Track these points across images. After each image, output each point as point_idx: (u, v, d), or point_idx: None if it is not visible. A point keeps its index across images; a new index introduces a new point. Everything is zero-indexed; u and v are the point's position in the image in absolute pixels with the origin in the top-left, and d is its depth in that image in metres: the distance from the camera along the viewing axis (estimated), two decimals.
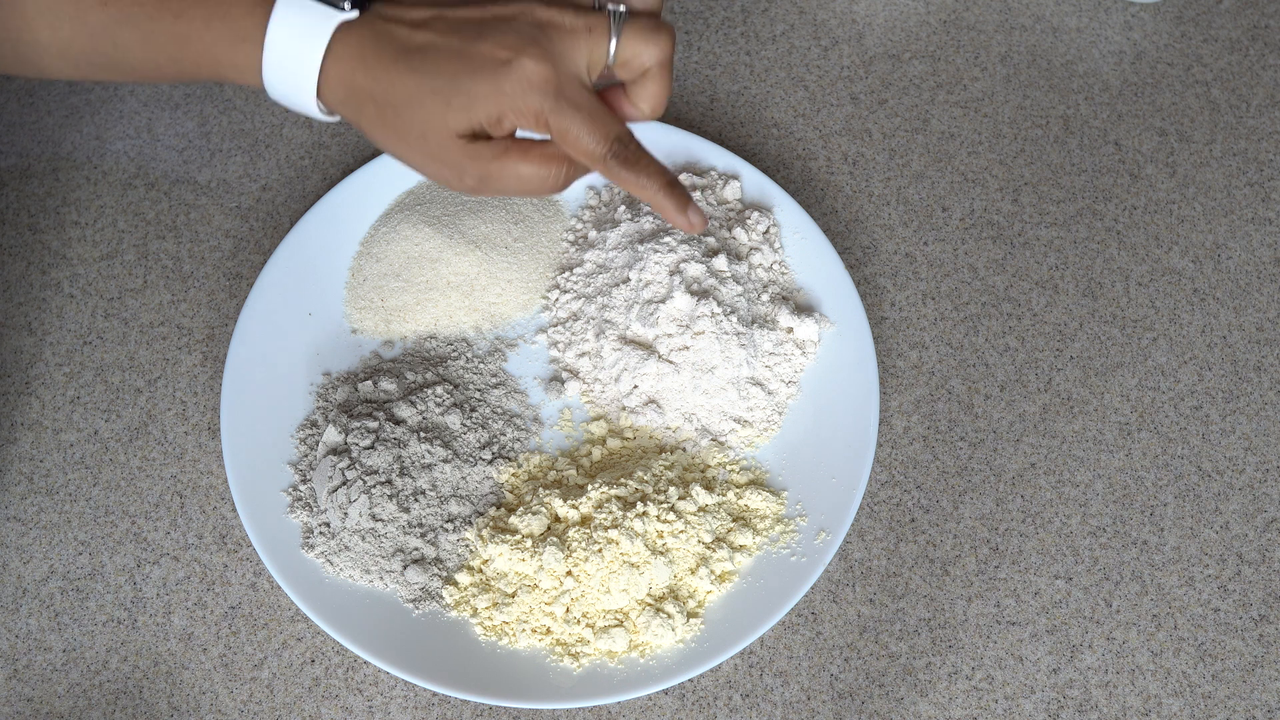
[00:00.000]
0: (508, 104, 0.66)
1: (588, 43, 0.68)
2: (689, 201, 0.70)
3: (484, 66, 0.66)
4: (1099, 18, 1.00)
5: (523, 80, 0.66)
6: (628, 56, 0.69)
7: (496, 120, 0.67)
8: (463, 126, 0.67)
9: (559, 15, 0.69)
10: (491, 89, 0.66)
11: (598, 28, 0.68)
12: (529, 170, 0.69)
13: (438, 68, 0.67)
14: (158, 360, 0.87)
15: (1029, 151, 0.95)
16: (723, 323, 0.83)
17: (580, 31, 0.68)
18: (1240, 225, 0.93)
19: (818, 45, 0.99)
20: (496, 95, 0.66)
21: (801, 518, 0.80)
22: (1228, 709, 0.79)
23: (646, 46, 0.69)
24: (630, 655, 0.76)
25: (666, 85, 0.71)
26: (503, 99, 0.66)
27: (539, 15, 0.68)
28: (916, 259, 0.91)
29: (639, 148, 0.69)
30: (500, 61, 0.66)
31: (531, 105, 0.66)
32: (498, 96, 0.66)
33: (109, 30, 0.72)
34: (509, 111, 0.67)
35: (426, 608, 0.77)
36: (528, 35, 0.67)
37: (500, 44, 0.67)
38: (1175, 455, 0.85)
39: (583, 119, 0.67)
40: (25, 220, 0.92)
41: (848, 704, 0.78)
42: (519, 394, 0.85)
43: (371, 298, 0.87)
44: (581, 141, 0.67)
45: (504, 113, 0.67)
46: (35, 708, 0.78)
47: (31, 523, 0.82)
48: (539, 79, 0.66)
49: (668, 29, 0.70)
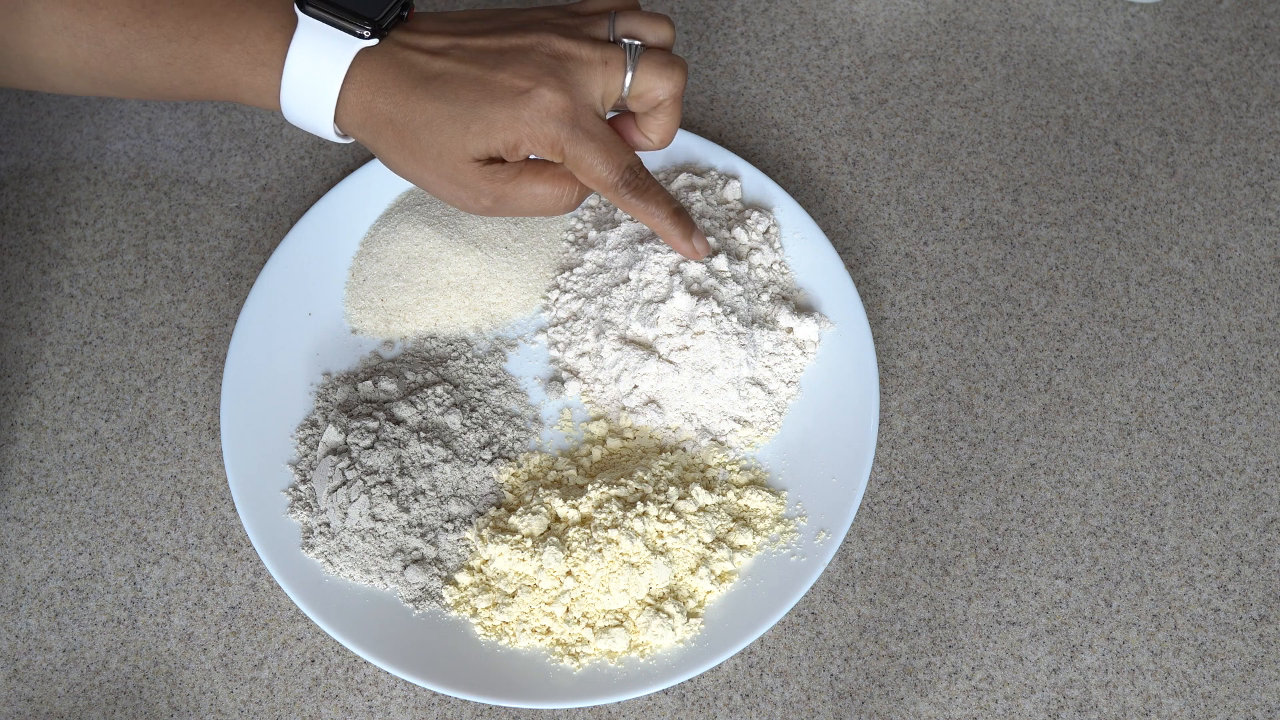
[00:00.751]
0: (525, 131, 0.68)
1: (604, 75, 0.70)
2: (694, 228, 0.74)
3: (503, 95, 0.68)
4: (1099, 18, 1.00)
5: (541, 109, 0.68)
6: (641, 90, 0.71)
7: (513, 146, 0.69)
8: (480, 151, 0.69)
9: (576, 48, 0.70)
10: (510, 116, 0.68)
11: (614, 61, 0.70)
12: (543, 190, 0.71)
13: (457, 94, 0.68)
14: (158, 360, 0.87)
15: (1029, 151, 0.95)
16: (723, 323, 0.83)
17: (597, 64, 0.70)
18: (1240, 225, 0.93)
19: (818, 45, 0.99)
20: (515, 122, 0.68)
21: (801, 518, 0.80)
22: (1228, 709, 0.79)
23: (660, 81, 0.71)
24: (630, 655, 0.76)
25: (676, 118, 0.73)
26: (521, 126, 0.68)
27: (557, 47, 0.70)
28: (916, 259, 0.91)
29: (648, 176, 0.71)
30: (519, 90, 0.68)
31: (548, 133, 0.68)
32: (516, 124, 0.68)
33: (127, 51, 0.72)
34: (526, 139, 0.68)
35: (426, 608, 0.77)
36: (546, 66, 0.69)
37: (519, 74, 0.68)
38: (1175, 455, 0.85)
39: (597, 148, 0.69)
40: (25, 220, 0.92)
41: (848, 704, 0.78)
42: (519, 394, 0.85)
43: (371, 298, 0.87)
44: (595, 170, 0.69)
45: (521, 140, 0.68)
46: (35, 708, 0.78)
47: (31, 523, 0.82)
48: (557, 108, 0.68)
49: (680, 64, 0.71)
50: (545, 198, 0.71)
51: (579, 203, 0.72)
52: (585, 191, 0.72)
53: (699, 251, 0.75)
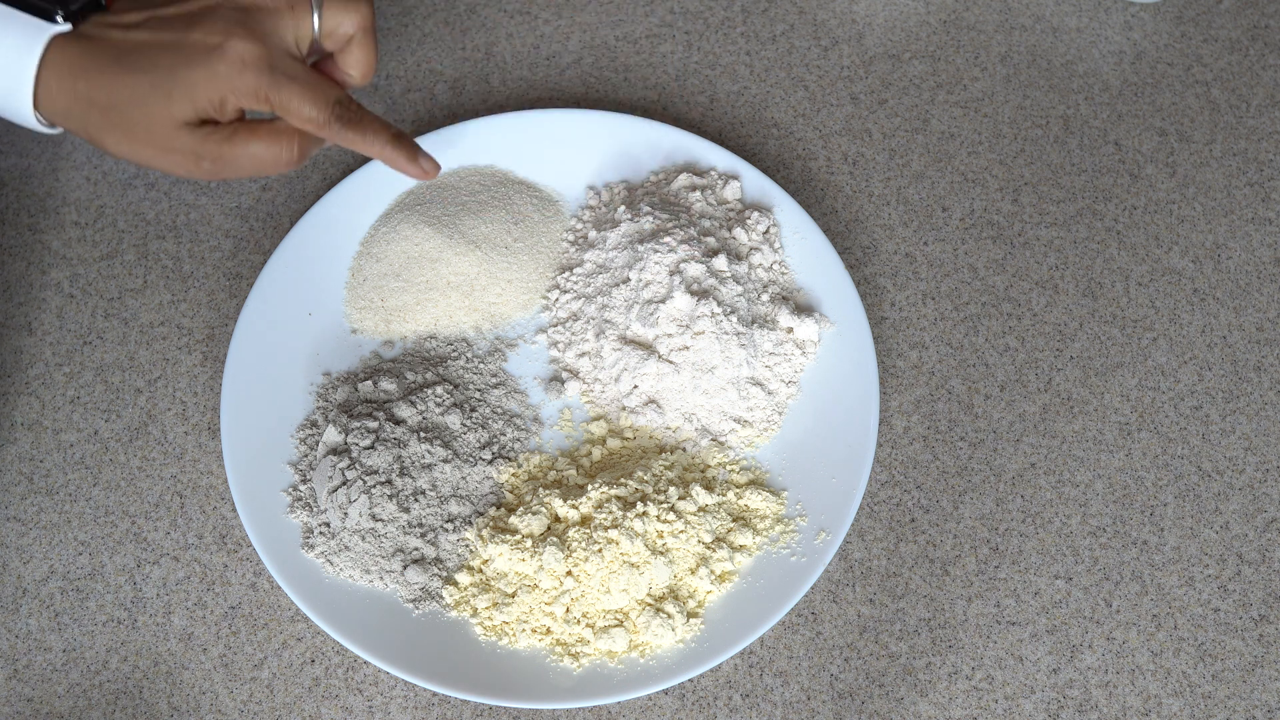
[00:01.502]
0: (225, 86, 0.69)
1: (292, 19, 0.72)
2: (418, 150, 0.74)
3: (196, 54, 0.69)
4: (1099, 18, 1.00)
5: (236, 61, 0.69)
6: (331, 27, 0.72)
7: (219, 103, 0.70)
8: (187, 115, 0.70)
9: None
10: (208, 74, 0.69)
11: (299, 4, 0.72)
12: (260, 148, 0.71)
13: (154, 62, 0.70)
14: (158, 360, 0.87)
15: (1029, 151, 0.95)
16: (723, 323, 0.83)
17: (283, 9, 0.72)
18: (1240, 225, 0.93)
19: (818, 45, 0.99)
20: (213, 79, 0.69)
21: (801, 518, 0.80)
22: (1228, 709, 0.79)
23: (346, 16, 0.72)
24: (630, 655, 0.76)
25: (372, 50, 0.74)
26: (220, 82, 0.69)
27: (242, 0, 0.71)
28: (916, 259, 0.91)
29: (359, 108, 0.72)
30: (211, 47, 0.69)
31: (248, 83, 0.69)
32: (214, 80, 0.69)
33: None
34: (229, 93, 0.70)
35: (426, 608, 0.77)
36: (234, 19, 0.70)
37: (209, 30, 0.70)
38: (1175, 455, 0.85)
39: (299, 89, 0.70)
40: (25, 220, 0.92)
41: (848, 704, 0.78)
42: (519, 394, 0.85)
43: (371, 298, 0.87)
44: (303, 111, 0.70)
45: (224, 95, 0.70)
46: (35, 708, 0.78)
47: (31, 523, 0.82)
48: (251, 57, 0.69)
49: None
50: (264, 155, 0.72)
51: (303, 158, 0.73)
52: (307, 145, 0.73)
53: (428, 171, 0.75)
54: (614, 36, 1.00)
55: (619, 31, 1.00)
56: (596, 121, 0.92)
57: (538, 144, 0.92)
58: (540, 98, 0.97)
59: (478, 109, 0.96)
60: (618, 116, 0.92)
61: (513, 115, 0.92)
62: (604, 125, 0.92)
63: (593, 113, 0.92)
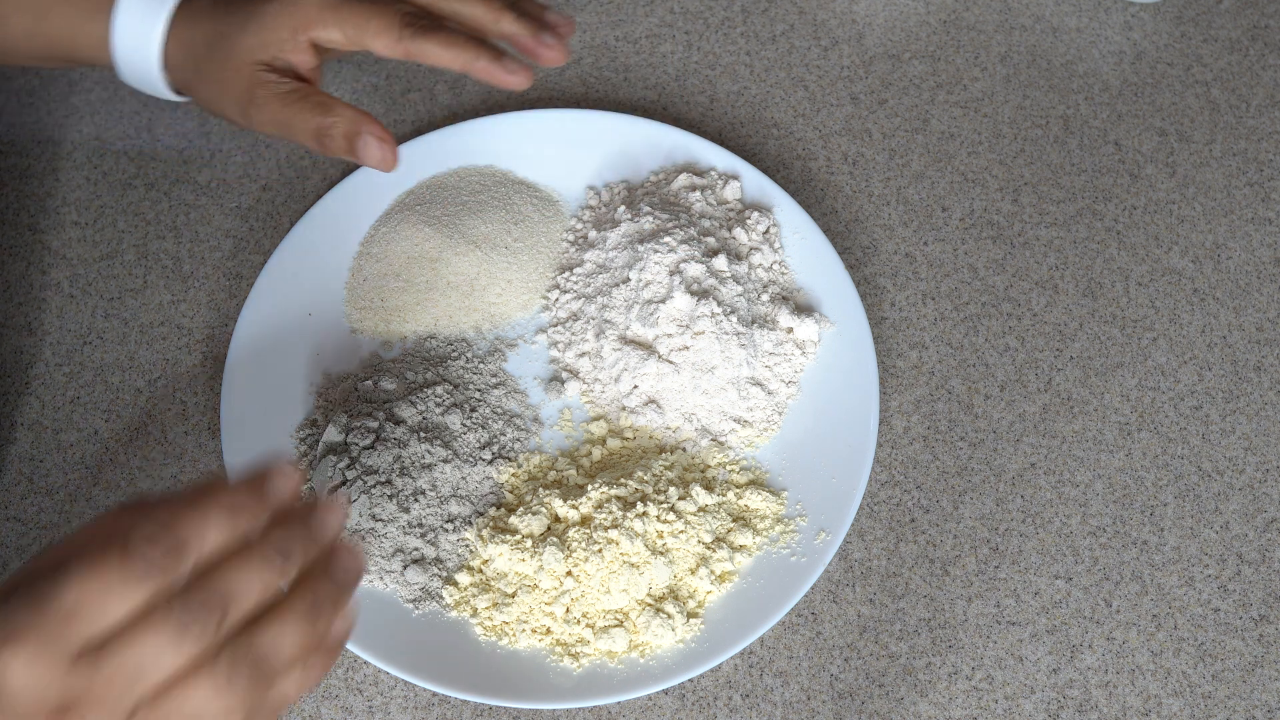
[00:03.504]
0: (300, 15, 0.73)
1: None
2: (504, 55, 0.74)
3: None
4: (1099, 18, 1.00)
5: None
6: None
7: (291, 35, 0.73)
8: (260, 50, 0.73)
9: None
10: (279, 7, 0.73)
11: None
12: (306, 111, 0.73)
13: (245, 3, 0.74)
14: (158, 360, 0.87)
15: (1029, 151, 0.95)
16: (723, 323, 0.83)
17: None
18: (1240, 225, 0.93)
19: (818, 45, 0.99)
20: (282, 12, 0.73)
21: (801, 518, 0.80)
22: (1228, 709, 0.79)
23: None
24: (630, 655, 0.76)
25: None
26: (287, 14, 0.73)
27: None
28: (916, 259, 0.91)
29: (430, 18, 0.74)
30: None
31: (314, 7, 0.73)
32: (283, 13, 0.73)
33: None
34: (301, 23, 0.73)
35: (426, 608, 0.77)
36: None
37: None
38: (1175, 455, 0.85)
39: (366, 6, 0.73)
40: (25, 220, 0.92)
41: (848, 704, 0.78)
42: (519, 394, 0.85)
43: (371, 298, 0.87)
44: (372, 24, 0.73)
45: (296, 26, 0.73)
46: None
47: (31, 523, 0.82)
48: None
49: None
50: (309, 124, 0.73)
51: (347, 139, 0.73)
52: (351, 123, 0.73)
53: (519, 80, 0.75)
54: (614, 36, 1.00)
55: (619, 31, 1.00)
56: (596, 121, 0.92)
57: (538, 144, 0.92)
58: (540, 98, 0.97)
59: (478, 109, 0.96)
60: (617, 116, 0.92)
61: (512, 115, 0.92)
62: (604, 125, 0.92)
63: (592, 113, 0.92)
